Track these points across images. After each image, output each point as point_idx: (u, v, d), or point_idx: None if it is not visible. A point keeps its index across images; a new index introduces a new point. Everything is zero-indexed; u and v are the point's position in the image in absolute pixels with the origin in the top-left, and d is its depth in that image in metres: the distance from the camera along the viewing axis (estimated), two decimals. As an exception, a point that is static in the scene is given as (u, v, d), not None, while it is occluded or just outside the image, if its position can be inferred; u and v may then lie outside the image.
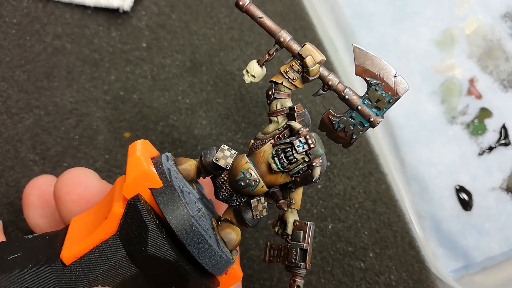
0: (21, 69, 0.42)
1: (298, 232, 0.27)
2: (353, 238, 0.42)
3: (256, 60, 0.26)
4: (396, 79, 0.25)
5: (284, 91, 0.26)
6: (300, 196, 0.28)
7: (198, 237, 0.23)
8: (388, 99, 0.25)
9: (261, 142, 0.26)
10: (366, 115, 0.26)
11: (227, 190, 0.26)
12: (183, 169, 0.27)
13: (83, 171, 0.30)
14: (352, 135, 0.26)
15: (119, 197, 0.24)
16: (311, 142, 0.23)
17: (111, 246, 0.23)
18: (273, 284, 0.40)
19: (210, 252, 0.23)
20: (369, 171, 0.44)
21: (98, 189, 0.29)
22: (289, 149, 0.24)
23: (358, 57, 0.25)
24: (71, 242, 0.24)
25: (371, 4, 0.49)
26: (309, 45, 0.25)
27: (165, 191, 0.23)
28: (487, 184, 0.46)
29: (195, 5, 0.46)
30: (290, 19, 0.47)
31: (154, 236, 0.22)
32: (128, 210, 0.23)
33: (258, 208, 0.26)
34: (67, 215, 0.29)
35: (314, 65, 0.25)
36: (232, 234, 0.26)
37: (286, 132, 0.25)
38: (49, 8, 0.44)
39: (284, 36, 0.25)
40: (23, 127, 0.41)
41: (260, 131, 0.27)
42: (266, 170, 0.25)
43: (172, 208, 0.23)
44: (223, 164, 0.25)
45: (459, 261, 0.45)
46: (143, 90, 0.43)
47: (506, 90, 0.47)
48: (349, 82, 0.46)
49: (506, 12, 0.49)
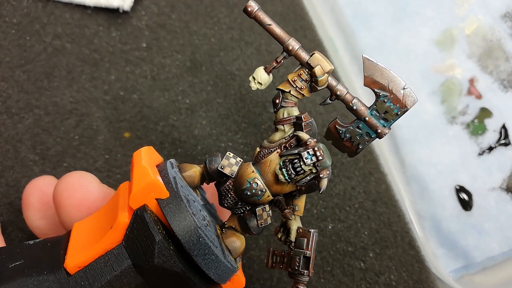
0: (21, 69, 0.42)
1: (302, 240, 0.27)
2: (353, 238, 0.42)
3: (263, 67, 0.26)
4: (405, 92, 0.25)
5: (291, 100, 0.26)
6: (303, 203, 0.28)
7: (205, 248, 0.23)
8: (396, 111, 0.25)
9: (268, 151, 0.25)
10: (374, 126, 0.26)
11: (232, 198, 0.26)
12: (188, 176, 0.26)
13: (83, 175, 0.29)
14: (358, 145, 0.26)
15: (124, 206, 0.24)
16: (320, 154, 0.23)
17: (117, 256, 0.23)
18: (273, 284, 0.40)
19: (216, 263, 0.23)
20: (369, 171, 0.44)
21: (99, 194, 0.29)
22: (296, 161, 0.24)
23: (368, 68, 0.25)
24: (74, 250, 0.24)
25: (371, 4, 0.49)
26: (318, 54, 0.25)
27: (171, 202, 0.23)
28: (487, 184, 0.46)
29: (195, 5, 0.46)
30: (290, 19, 0.47)
31: (161, 248, 0.22)
32: (134, 221, 0.23)
33: (263, 217, 0.26)
34: (67, 220, 0.28)
35: (323, 75, 0.25)
36: (237, 242, 0.26)
37: (293, 141, 0.25)
38: (49, 8, 0.44)
39: (292, 44, 0.25)
40: (23, 127, 0.41)
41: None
42: (272, 180, 0.25)
43: (179, 219, 0.23)
44: (229, 172, 0.25)
45: (459, 261, 0.45)
46: (143, 90, 0.43)
47: (506, 90, 0.47)
48: (349, 82, 0.46)
49: (506, 12, 0.49)
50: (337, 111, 0.44)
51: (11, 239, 0.38)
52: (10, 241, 0.38)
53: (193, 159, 0.42)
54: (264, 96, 0.44)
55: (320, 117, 0.44)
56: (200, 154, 0.42)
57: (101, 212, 0.26)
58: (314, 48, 0.46)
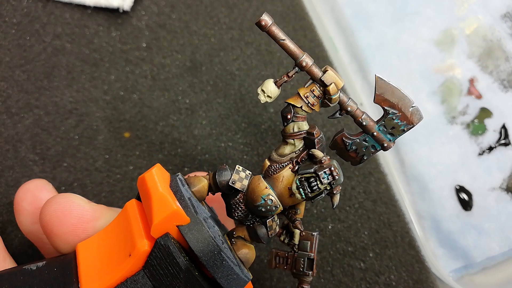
0: (21, 69, 0.42)
1: (305, 243, 0.28)
2: (353, 238, 0.42)
3: (272, 80, 0.26)
4: (412, 110, 0.26)
5: (301, 115, 0.26)
6: (303, 206, 0.28)
7: (228, 270, 0.23)
8: (403, 128, 0.26)
9: (279, 166, 0.26)
10: (380, 140, 0.26)
11: (242, 211, 0.26)
12: (197, 192, 0.26)
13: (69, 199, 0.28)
14: (363, 156, 0.27)
15: (139, 232, 0.23)
16: (336, 174, 0.24)
17: (137, 283, 0.23)
18: (273, 284, 0.40)
19: (237, 280, 0.24)
20: (369, 171, 0.44)
21: (91, 214, 0.28)
22: (313, 179, 0.24)
23: (380, 87, 0.25)
24: (89, 278, 0.23)
25: (371, 4, 0.49)
26: (331, 71, 0.25)
27: (193, 228, 0.23)
28: (487, 184, 0.46)
29: (195, 5, 0.46)
30: (290, 19, 0.47)
31: (188, 276, 0.22)
32: (158, 250, 0.23)
33: (273, 227, 0.26)
34: (64, 246, 0.27)
35: (337, 93, 0.25)
36: (249, 253, 0.26)
37: (304, 156, 0.26)
38: (49, 8, 0.44)
39: (306, 61, 0.25)
40: (23, 127, 0.41)
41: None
42: (285, 195, 0.25)
43: (202, 246, 0.23)
44: (240, 187, 0.26)
45: (459, 261, 0.45)
46: (143, 90, 0.43)
47: (506, 90, 0.47)
48: (349, 82, 0.46)
49: (506, 12, 0.49)
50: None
51: (11, 239, 0.38)
52: (10, 242, 0.38)
53: (193, 159, 0.42)
54: (264, 96, 0.44)
55: (321, 119, 0.44)
56: (200, 154, 0.42)
57: (107, 234, 0.25)
58: (314, 48, 0.46)
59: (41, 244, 0.31)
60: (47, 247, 0.31)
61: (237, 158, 0.43)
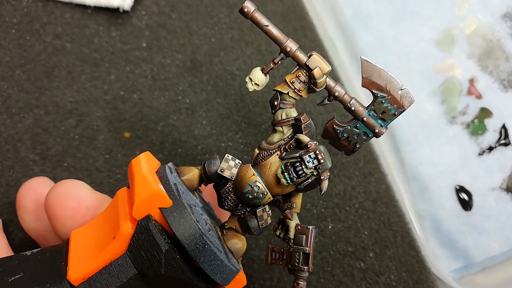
0: (21, 69, 0.42)
1: (301, 237, 0.28)
2: (353, 238, 0.42)
3: (260, 68, 0.26)
4: (402, 92, 0.25)
5: (289, 101, 0.26)
6: (300, 200, 0.28)
7: (210, 255, 0.23)
8: (394, 112, 0.25)
9: (267, 153, 0.26)
10: (371, 126, 0.26)
11: (232, 200, 0.26)
12: (187, 180, 0.26)
13: (74, 184, 0.29)
14: (355, 144, 0.27)
15: (125, 216, 0.23)
16: (321, 157, 0.24)
17: (122, 266, 0.23)
18: (273, 284, 0.40)
19: (221, 267, 0.24)
20: (369, 171, 0.44)
21: (92, 201, 0.28)
22: (298, 164, 0.24)
23: (366, 70, 0.25)
24: (76, 261, 0.24)
25: (371, 4, 0.49)
26: (316, 56, 0.25)
27: (175, 210, 0.23)
28: (487, 184, 0.46)
29: (195, 5, 0.46)
30: (290, 19, 0.47)
31: (169, 258, 0.22)
32: (139, 231, 0.23)
33: (263, 217, 0.26)
34: (62, 230, 0.28)
35: (322, 77, 0.25)
36: (239, 244, 0.26)
37: (292, 143, 0.25)
38: (49, 8, 0.44)
39: (290, 46, 0.25)
40: (23, 126, 0.41)
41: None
42: (273, 182, 0.25)
43: (184, 228, 0.23)
44: (228, 175, 0.25)
45: (459, 261, 0.45)
46: (143, 90, 0.43)
47: (506, 90, 0.47)
48: (349, 82, 0.46)
49: (506, 12, 0.49)
50: (337, 111, 0.44)
51: (11, 238, 0.38)
52: (11, 241, 0.38)
53: (193, 159, 0.42)
54: (264, 96, 0.44)
55: (321, 116, 0.44)
56: (200, 154, 0.42)
57: (99, 220, 0.26)
58: (314, 48, 0.46)
59: (43, 242, 0.32)
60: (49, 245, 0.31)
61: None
